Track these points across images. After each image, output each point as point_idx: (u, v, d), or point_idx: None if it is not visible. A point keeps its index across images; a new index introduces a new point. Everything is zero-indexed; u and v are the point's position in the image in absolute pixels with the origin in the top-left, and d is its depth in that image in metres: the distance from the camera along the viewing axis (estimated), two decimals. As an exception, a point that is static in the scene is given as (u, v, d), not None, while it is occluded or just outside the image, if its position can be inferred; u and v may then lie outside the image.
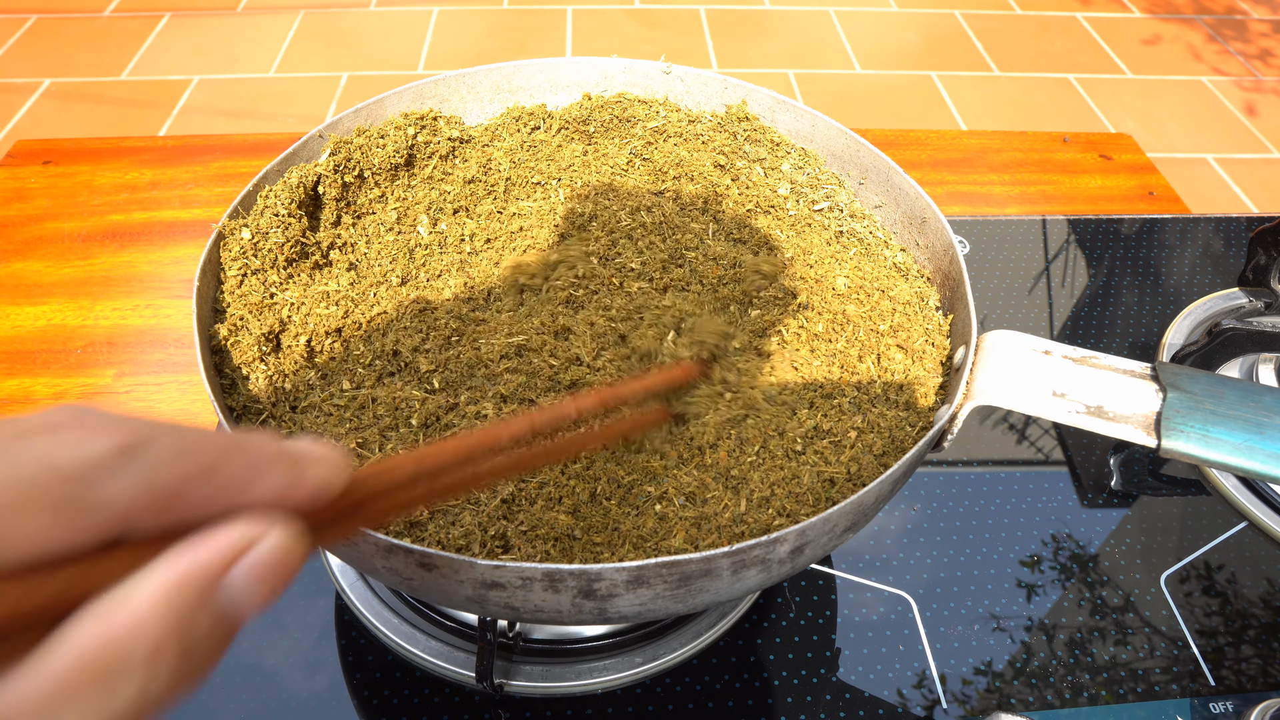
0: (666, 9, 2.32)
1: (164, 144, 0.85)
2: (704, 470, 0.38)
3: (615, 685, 0.47)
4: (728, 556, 0.32)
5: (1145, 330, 0.71)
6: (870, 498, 0.35)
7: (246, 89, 1.97)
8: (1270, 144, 1.95)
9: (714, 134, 0.56)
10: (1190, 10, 2.44)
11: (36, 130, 1.82)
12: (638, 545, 0.35)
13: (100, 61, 2.03)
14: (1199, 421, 0.36)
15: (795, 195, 0.54)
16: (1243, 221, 0.83)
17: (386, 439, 0.40)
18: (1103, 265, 0.77)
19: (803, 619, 0.51)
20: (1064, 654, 0.50)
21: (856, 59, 2.16)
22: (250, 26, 2.19)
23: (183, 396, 0.62)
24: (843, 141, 0.55)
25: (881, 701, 0.48)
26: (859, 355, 0.44)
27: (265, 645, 0.48)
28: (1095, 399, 0.38)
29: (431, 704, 0.46)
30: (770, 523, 0.36)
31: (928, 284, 0.49)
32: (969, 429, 0.63)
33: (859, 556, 0.54)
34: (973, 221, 0.80)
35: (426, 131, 0.55)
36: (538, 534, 0.35)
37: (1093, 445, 0.62)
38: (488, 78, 0.59)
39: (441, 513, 0.36)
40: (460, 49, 2.13)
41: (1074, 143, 0.92)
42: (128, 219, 0.77)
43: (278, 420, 0.40)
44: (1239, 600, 0.53)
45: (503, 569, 0.31)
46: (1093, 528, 0.57)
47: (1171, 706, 0.48)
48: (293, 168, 0.50)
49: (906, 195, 0.51)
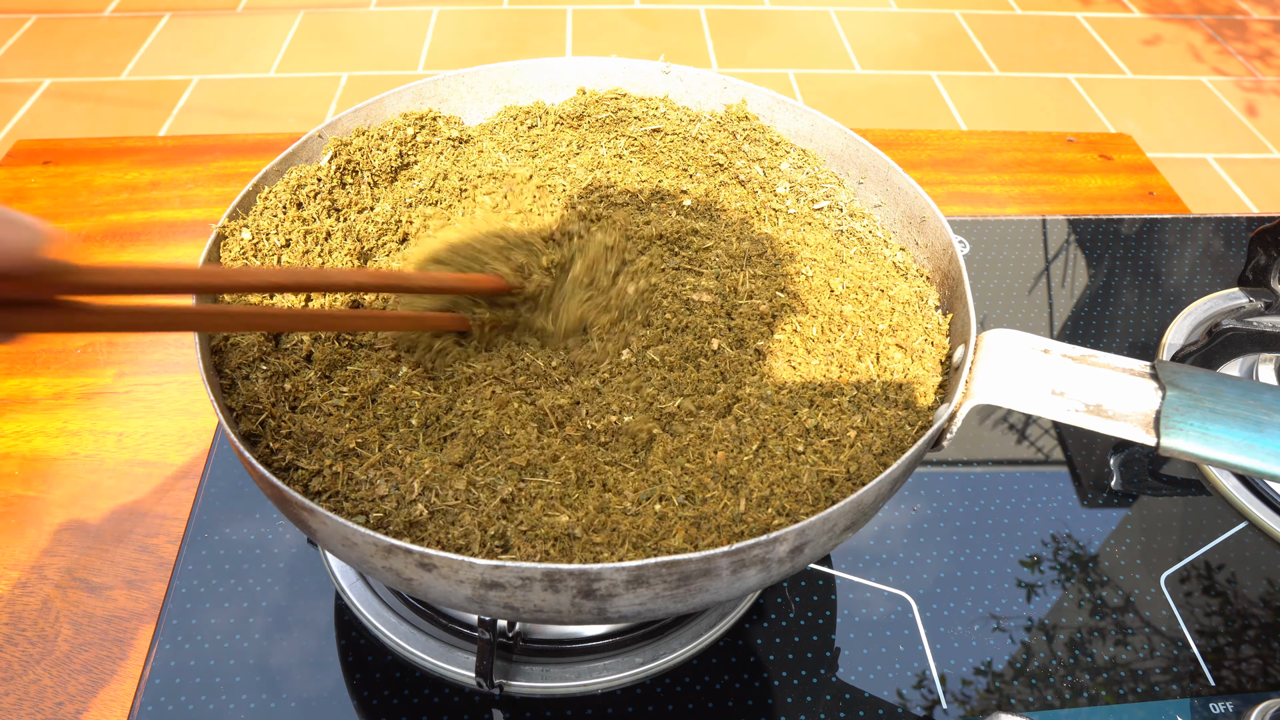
0: (666, 9, 2.32)
1: (164, 144, 0.85)
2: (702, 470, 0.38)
3: (615, 685, 0.47)
4: (727, 556, 0.32)
5: (1145, 330, 0.71)
6: (870, 497, 0.35)
7: (246, 89, 1.97)
8: (1270, 144, 1.95)
9: (713, 133, 0.56)
10: (1190, 10, 2.44)
11: (36, 130, 1.82)
12: (637, 545, 0.35)
13: (100, 61, 2.03)
14: (1198, 419, 0.36)
15: (795, 194, 0.54)
16: (1243, 221, 0.83)
17: (386, 439, 0.40)
18: (1103, 265, 0.77)
19: (803, 619, 0.51)
20: (1064, 654, 0.50)
21: (856, 59, 2.16)
22: (250, 26, 2.19)
23: (183, 396, 0.62)
24: (842, 141, 0.55)
25: (881, 701, 0.48)
26: (858, 354, 0.44)
27: (265, 645, 0.48)
28: (1094, 397, 0.38)
29: (431, 704, 0.46)
30: (770, 522, 0.36)
31: (927, 283, 0.49)
32: (968, 429, 0.63)
33: (859, 556, 0.54)
34: (973, 221, 0.80)
35: (426, 132, 0.55)
36: (537, 534, 0.35)
37: (1093, 445, 0.62)
38: (487, 78, 0.59)
39: (441, 513, 0.36)
40: (460, 49, 2.13)
41: (1074, 143, 0.92)
42: (128, 219, 0.77)
43: (278, 420, 0.40)
44: (1239, 600, 0.53)
45: (502, 569, 0.31)
46: (1093, 528, 0.57)
47: (1171, 706, 0.48)
48: (293, 168, 0.50)
49: (905, 194, 0.51)
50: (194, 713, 0.45)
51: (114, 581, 0.52)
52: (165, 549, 0.53)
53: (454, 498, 0.36)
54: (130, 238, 0.75)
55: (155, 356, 0.65)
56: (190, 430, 0.60)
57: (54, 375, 0.63)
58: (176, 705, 0.46)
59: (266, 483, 0.34)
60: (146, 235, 0.75)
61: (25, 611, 0.50)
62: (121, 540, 0.54)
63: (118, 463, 0.58)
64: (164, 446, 0.59)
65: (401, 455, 0.39)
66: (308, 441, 0.39)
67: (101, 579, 0.52)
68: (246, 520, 0.54)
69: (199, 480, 0.56)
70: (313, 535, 0.36)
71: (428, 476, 0.37)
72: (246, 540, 0.53)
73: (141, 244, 0.74)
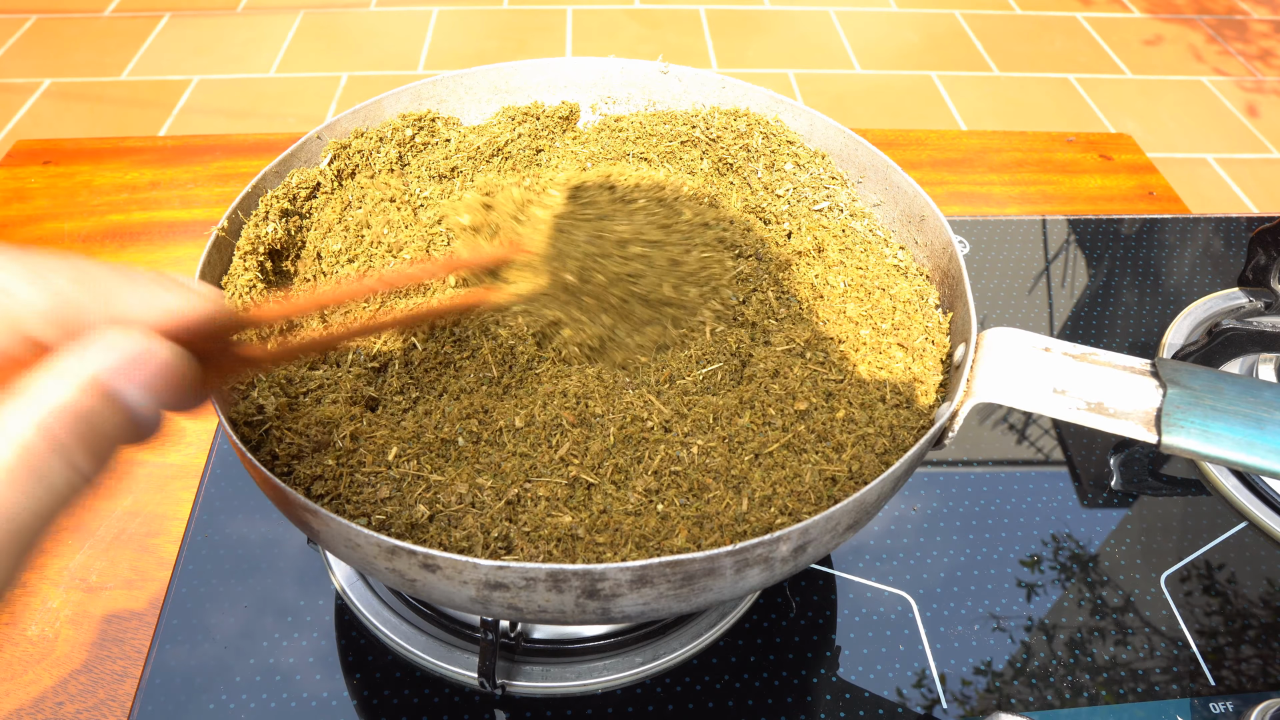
0: (666, 9, 2.32)
1: (164, 144, 0.85)
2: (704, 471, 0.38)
3: (615, 685, 0.47)
4: (731, 555, 0.32)
5: (1145, 330, 0.71)
6: (872, 495, 0.35)
7: (246, 89, 1.97)
8: (1270, 144, 1.95)
9: (720, 133, 0.56)
10: (1191, 10, 2.44)
11: (36, 130, 1.82)
12: (640, 545, 0.35)
13: (100, 61, 2.03)
14: (1199, 417, 0.36)
15: (796, 194, 0.54)
16: (1243, 221, 0.83)
17: (389, 443, 0.40)
18: (1103, 265, 0.77)
19: (803, 619, 0.51)
20: (1064, 654, 0.50)
21: (856, 59, 2.16)
22: (250, 26, 2.19)
23: (183, 396, 0.62)
24: (840, 140, 0.55)
25: (881, 701, 0.48)
26: (859, 353, 0.44)
27: (265, 646, 0.48)
28: (1095, 395, 0.38)
29: (431, 704, 0.46)
30: (772, 521, 0.36)
31: (927, 282, 0.49)
32: (969, 428, 0.63)
33: (859, 556, 0.54)
34: (973, 221, 0.80)
35: (425, 133, 0.55)
36: (540, 534, 0.35)
37: (1093, 445, 0.62)
38: (485, 78, 0.59)
39: (443, 515, 0.36)
40: (460, 49, 2.13)
41: (1074, 143, 0.92)
42: (128, 219, 0.77)
43: (279, 422, 0.40)
44: (1239, 600, 0.53)
45: (506, 570, 0.31)
46: (1093, 528, 0.57)
47: (1171, 706, 0.48)
48: (292, 170, 0.50)
49: (905, 193, 0.51)
50: (194, 713, 0.45)
51: (114, 581, 0.52)
52: (165, 549, 0.53)
53: (457, 500, 0.36)
54: (130, 238, 0.75)
55: (155, 356, 0.65)
56: (190, 430, 0.60)
57: (54, 375, 0.63)
58: (176, 705, 0.46)
59: (269, 484, 0.34)
60: (146, 235, 0.75)
61: (25, 611, 0.50)
62: (121, 540, 0.54)
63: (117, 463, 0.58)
64: (164, 446, 0.59)
65: (404, 458, 0.39)
66: (310, 444, 0.39)
67: (101, 579, 0.52)
68: (246, 520, 0.54)
69: (199, 480, 0.56)
70: (315, 537, 0.36)
71: (430, 479, 0.37)
72: (246, 540, 0.53)
73: (141, 244, 0.74)
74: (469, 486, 0.37)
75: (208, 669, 0.47)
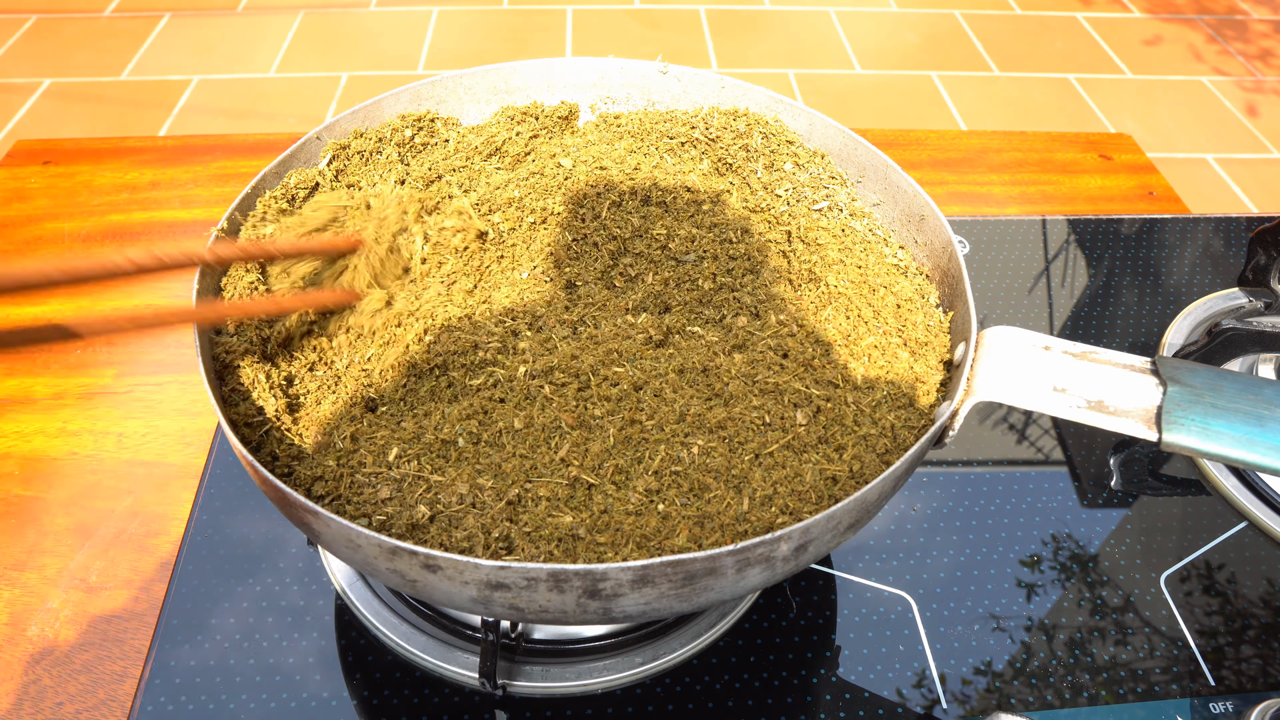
0: (666, 9, 2.32)
1: (164, 144, 0.85)
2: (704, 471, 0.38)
3: (615, 685, 0.47)
4: (732, 555, 0.32)
5: (1145, 330, 0.71)
6: (873, 495, 0.35)
7: (246, 89, 1.97)
8: (1270, 144, 1.95)
9: (719, 133, 0.56)
10: (1191, 10, 2.44)
11: (36, 130, 1.82)
12: (641, 545, 0.35)
13: (100, 61, 2.03)
14: (1199, 415, 0.36)
15: (795, 194, 0.54)
16: (1243, 221, 0.83)
17: (389, 443, 0.40)
18: (1103, 265, 0.77)
19: (803, 619, 0.51)
20: (1064, 654, 0.50)
21: (856, 59, 2.16)
22: (250, 26, 2.19)
23: (183, 396, 0.62)
24: (840, 140, 0.55)
25: (881, 701, 0.48)
26: (860, 352, 0.44)
27: (265, 646, 0.48)
28: (1096, 394, 0.38)
29: (432, 704, 0.46)
30: (773, 521, 0.36)
31: (927, 281, 0.49)
32: (968, 428, 0.63)
33: (859, 556, 0.54)
34: (973, 221, 0.80)
35: (424, 133, 0.55)
36: (541, 535, 0.35)
37: (1092, 445, 0.62)
38: (485, 79, 0.59)
39: (444, 516, 0.36)
40: (460, 49, 2.13)
41: (1074, 143, 0.92)
42: (128, 219, 0.77)
43: (280, 424, 0.40)
44: (1239, 600, 0.53)
45: (508, 570, 0.31)
46: (1093, 528, 0.57)
47: (1171, 706, 0.48)
48: (291, 171, 0.50)
49: (904, 193, 0.51)
50: (194, 713, 0.45)
51: (114, 581, 0.52)
52: (165, 549, 0.53)
53: (458, 501, 0.36)
54: (130, 238, 0.75)
55: (155, 356, 0.65)
56: (190, 430, 0.60)
57: (54, 375, 0.63)
58: (176, 705, 0.46)
59: (269, 485, 0.34)
60: (146, 235, 0.75)
61: (25, 611, 0.50)
62: (121, 540, 0.54)
63: (118, 463, 0.58)
64: (164, 446, 0.59)
65: (405, 459, 0.39)
66: (310, 445, 0.39)
67: (101, 579, 0.52)
68: (246, 520, 0.54)
69: (199, 480, 0.56)
70: (316, 538, 0.36)
71: (430, 479, 0.37)
72: (246, 540, 0.53)
73: (141, 244, 0.74)
74: (470, 487, 0.37)
75: (207, 669, 0.47)
